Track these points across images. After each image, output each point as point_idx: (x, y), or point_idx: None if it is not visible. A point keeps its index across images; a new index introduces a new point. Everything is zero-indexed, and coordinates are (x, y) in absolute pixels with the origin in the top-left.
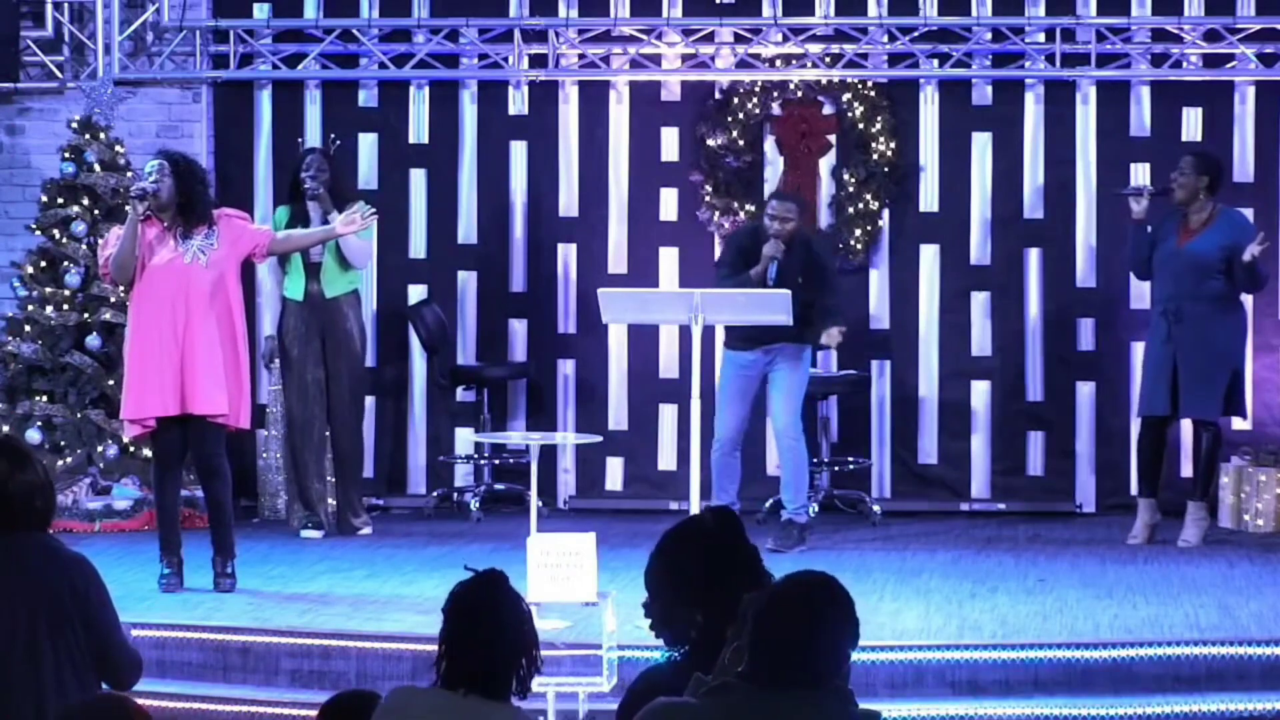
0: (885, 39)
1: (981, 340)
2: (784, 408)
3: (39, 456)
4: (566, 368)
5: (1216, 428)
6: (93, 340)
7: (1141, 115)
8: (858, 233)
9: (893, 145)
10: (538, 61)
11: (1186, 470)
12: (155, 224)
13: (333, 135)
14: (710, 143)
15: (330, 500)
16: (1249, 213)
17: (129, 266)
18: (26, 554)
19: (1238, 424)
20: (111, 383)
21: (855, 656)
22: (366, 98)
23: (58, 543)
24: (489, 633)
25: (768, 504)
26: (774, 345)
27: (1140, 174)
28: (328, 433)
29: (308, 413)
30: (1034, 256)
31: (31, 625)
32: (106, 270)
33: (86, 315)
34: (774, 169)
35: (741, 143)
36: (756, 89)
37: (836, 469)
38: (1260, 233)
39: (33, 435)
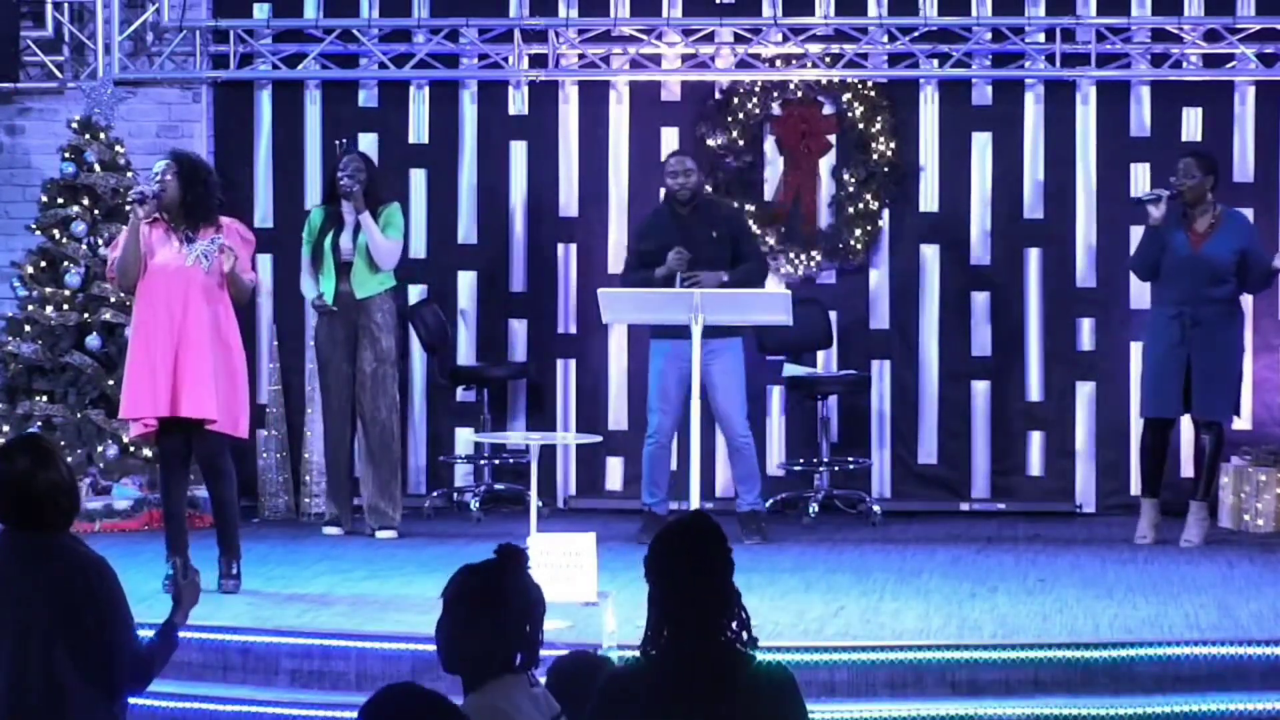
0: (885, 39)
1: (981, 340)
2: (730, 408)
3: (63, 455)
4: (567, 368)
5: (1220, 428)
6: (93, 340)
7: (1141, 115)
8: (858, 233)
9: (893, 145)
10: (538, 61)
11: (1187, 470)
12: (160, 224)
13: (342, 140)
14: (710, 143)
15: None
16: (1249, 213)
17: (131, 271)
18: (46, 554)
19: (1238, 424)
20: (111, 383)
21: (855, 656)
22: (366, 98)
23: (79, 543)
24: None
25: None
26: (705, 340)
27: (1141, 174)
28: (359, 432)
29: (341, 413)
30: (1034, 256)
31: (47, 625)
32: (112, 274)
33: (86, 315)
34: (774, 169)
35: (741, 143)
36: (756, 89)
37: (836, 469)
38: None
39: None
